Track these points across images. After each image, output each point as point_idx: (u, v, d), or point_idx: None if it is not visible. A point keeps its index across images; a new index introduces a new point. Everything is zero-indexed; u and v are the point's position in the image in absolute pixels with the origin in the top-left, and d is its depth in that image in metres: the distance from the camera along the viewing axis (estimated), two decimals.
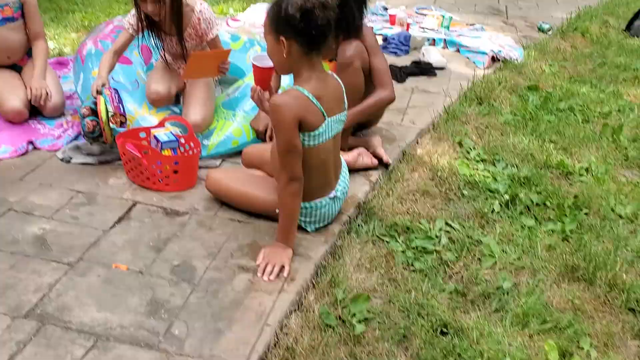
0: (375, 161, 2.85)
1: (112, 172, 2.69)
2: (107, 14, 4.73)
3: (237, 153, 2.90)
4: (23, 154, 2.79)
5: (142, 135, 2.72)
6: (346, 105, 2.25)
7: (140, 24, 2.85)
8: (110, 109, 2.58)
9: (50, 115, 3.08)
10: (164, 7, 2.75)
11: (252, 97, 2.34)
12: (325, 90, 2.10)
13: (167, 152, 2.58)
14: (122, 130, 2.68)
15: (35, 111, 3.09)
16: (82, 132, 2.67)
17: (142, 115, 2.95)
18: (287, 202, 2.13)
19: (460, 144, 3.21)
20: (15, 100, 2.98)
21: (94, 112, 2.61)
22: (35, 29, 3.15)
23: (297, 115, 2.02)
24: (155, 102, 3.00)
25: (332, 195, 2.27)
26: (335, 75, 2.23)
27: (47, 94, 3.03)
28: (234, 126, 2.98)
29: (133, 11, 2.87)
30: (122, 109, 2.63)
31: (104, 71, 2.77)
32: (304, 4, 1.95)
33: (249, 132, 2.98)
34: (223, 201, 2.47)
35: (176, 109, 3.13)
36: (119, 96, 2.67)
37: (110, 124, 2.59)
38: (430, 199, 2.70)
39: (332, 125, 2.15)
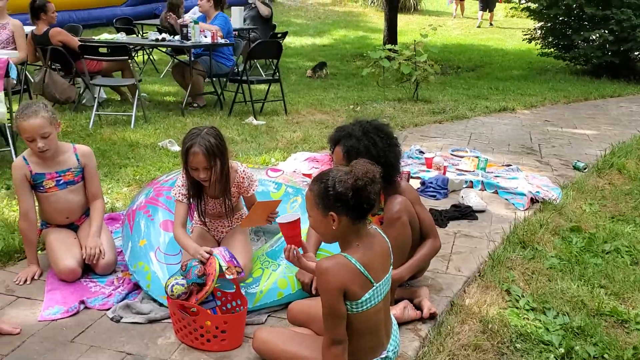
0: (419, 313, 2.81)
1: (160, 332, 2.70)
2: (158, 167, 4.99)
3: (283, 307, 2.91)
4: (74, 314, 2.85)
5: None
6: (392, 261, 2.27)
7: (189, 192, 3.00)
8: (224, 264, 2.63)
9: (102, 272, 3.18)
10: (214, 173, 2.91)
11: (287, 258, 2.37)
12: (372, 255, 2.13)
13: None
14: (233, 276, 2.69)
15: (87, 268, 3.19)
16: (186, 276, 2.65)
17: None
18: None
19: (508, 291, 3.16)
20: (70, 260, 3.10)
21: (186, 267, 2.66)
22: (94, 191, 3.34)
23: (342, 285, 2.04)
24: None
25: (383, 355, 2.23)
26: (379, 230, 2.26)
27: (100, 252, 3.14)
28: (279, 277, 3.00)
29: (178, 181, 3.04)
30: (235, 261, 2.69)
31: (193, 243, 2.87)
32: (355, 183, 2.03)
33: (294, 283, 3.00)
34: None
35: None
36: (229, 252, 2.73)
37: (227, 275, 2.62)
38: (482, 353, 2.62)
39: (381, 289, 2.15)
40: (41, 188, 3.22)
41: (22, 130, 3.08)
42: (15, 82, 5.34)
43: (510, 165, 5.45)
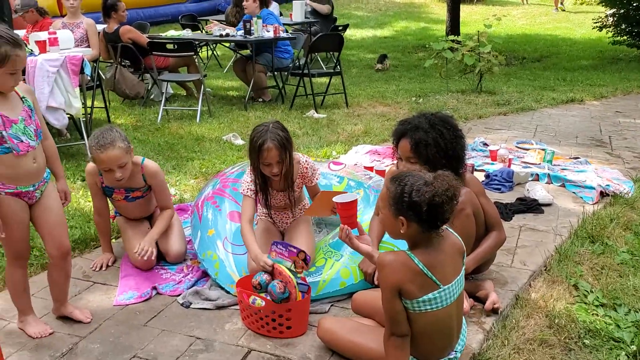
0: (468, 308, 2.76)
1: (228, 318, 2.80)
2: (222, 160, 5.12)
3: (346, 296, 2.95)
4: (147, 300, 2.97)
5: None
6: (465, 259, 2.25)
7: (256, 187, 3.06)
8: (288, 263, 2.69)
9: (173, 261, 3.31)
10: (284, 166, 2.96)
11: (340, 237, 2.40)
12: (441, 256, 2.09)
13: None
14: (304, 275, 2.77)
15: (159, 256, 3.32)
16: (271, 296, 2.64)
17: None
18: (391, 353, 2.12)
19: (575, 286, 3.09)
20: None
21: (261, 285, 2.70)
22: (163, 204, 3.39)
23: (397, 282, 2.03)
24: (254, 271, 2.94)
25: (451, 356, 2.22)
26: (450, 230, 2.21)
27: (150, 252, 3.16)
28: (342, 267, 3.04)
29: (247, 177, 3.10)
30: (294, 249, 2.71)
31: (255, 245, 2.87)
32: (433, 199, 1.96)
33: (356, 274, 3.02)
34: (334, 351, 2.48)
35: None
36: (282, 245, 2.76)
37: (298, 274, 2.68)
38: (549, 348, 2.57)
39: (452, 291, 2.12)
40: (111, 198, 3.37)
41: (99, 162, 3.06)
42: (89, 78, 5.58)
43: (579, 157, 5.28)
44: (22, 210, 2.51)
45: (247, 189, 3.07)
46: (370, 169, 4.72)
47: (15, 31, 5.74)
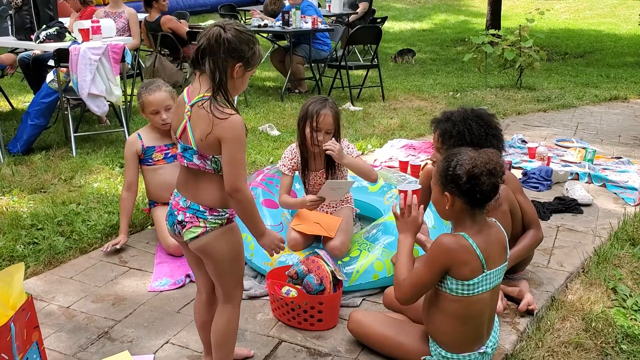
0: (502, 304, 2.74)
1: (260, 308, 2.82)
2: (258, 151, 5.15)
3: (378, 291, 2.94)
4: (181, 287, 3.02)
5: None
6: (508, 255, 2.23)
7: (296, 165, 3.17)
8: (331, 266, 2.72)
9: None
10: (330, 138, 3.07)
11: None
12: (489, 241, 2.10)
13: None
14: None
15: None
16: (307, 288, 2.67)
17: (286, 254, 3.09)
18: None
19: (614, 290, 3.01)
20: None
21: (298, 275, 2.73)
22: None
23: (448, 264, 2.05)
24: (295, 247, 3.08)
25: (481, 350, 2.19)
26: (498, 223, 2.21)
27: None
28: (376, 259, 3.03)
29: (286, 154, 3.19)
30: (338, 266, 2.83)
31: (297, 199, 3.28)
32: (472, 169, 2.02)
33: (390, 267, 3.01)
34: (365, 344, 2.48)
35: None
36: (331, 257, 2.84)
37: (337, 276, 2.71)
38: (584, 352, 2.52)
39: (491, 278, 2.12)
40: (150, 161, 3.46)
41: (148, 104, 3.37)
42: (129, 66, 5.67)
43: (621, 157, 5.14)
44: None
45: (284, 166, 3.20)
46: (406, 163, 4.69)
47: (61, 19, 5.88)
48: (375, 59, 7.53)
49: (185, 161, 2.01)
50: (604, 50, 12.33)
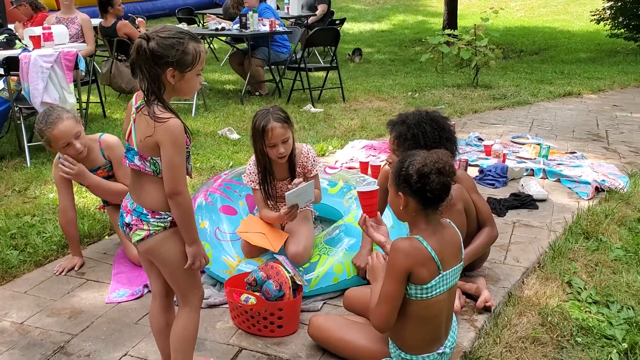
0: (459, 306, 2.78)
1: (219, 316, 2.79)
2: (217, 155, 5.10)
3: (338, 294, 2.94)
4: (139, 297, 2.97)
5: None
6: (463, 255, 2.25)
7: (259, 176, 3.11)
8: (290, 272, 2.71)
9: None
10: (289, 145, 3.03)
11: (359, 222, 2.45)
12: (443, 243, 2.12)
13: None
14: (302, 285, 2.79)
15: None
16: (266, 295, 2.65)
17: (244, 261, 3.08)
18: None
19: (569, 283, 3.08)
20: None
21: (257, 282, 2.71)
22: (122, 180, 3.22)
23: (410, 267, 2.06)
24: (249, 254, 3.07)
25: (440, 351, 2.21)
26: (452, 224, 2.24)
27: None
28: (336, 262, 3.04)
29: (250, 168, 3.15)
30: (298, 272, 2.80)
31: (275, 213, 3.12)
32: (422, 168, 2.06)
33: (350, 269, 3.02)
34: (325, 348, 2.48)
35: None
36: (290, 263, 2.84)
37: (296, 281, 2.70)
38: (541, 346, 2.57)
39: (447, 279, 2.14)
40: (81, 185, 3.31)
41: (55, 139, 3.01)
42: (84, 73, 5.56)
43: (575, 152, 5.27)
44: None
45: (251, 180, 3.16)
46: (366, 164, 4.72)
47: (10, 25, 5.73)
48: (335, 61, 7.55)
49: (127, 162, 2.04)
50: (558, 47, 12.64)
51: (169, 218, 2.01)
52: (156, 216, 2.00)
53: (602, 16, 12.17)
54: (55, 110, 3.07)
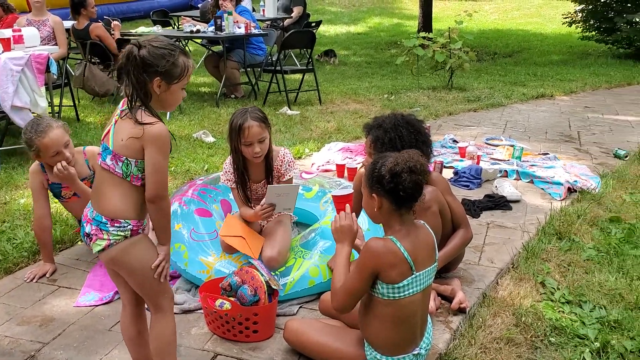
0: (434, 307, 2.79)
1: (194, 322, 2.76)
2: (192, 159, 5.06)
3: (314, 297, 2.94)
4: (108, 302, 2.93)
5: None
6: (437, 256, 2.27)
7: (235, 175, 3.12)
8: (265, 276, 2.69)
9: None
10: (265, 144, 3.02)
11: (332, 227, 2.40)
12: (417, 244, 2.14)
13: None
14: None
15: None
16: (241, 300, 2.63)
17: (220, 262, 3.06)
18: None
19: (543, 284, 3.12)
20: None
21: (232, 287, 2.68)
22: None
23: (377, 268, 2.07)
24: (228, 250, 3.09)
25: (415, 352, 2.22)
26: (426, 225, 2.25)
27: None
28: (311, 265, 3.03)
29: (227, 168, 3.17)
30: (273, 276, 2.79)
31: (251, 210, 3.12)
32: (393, 167, 2.08)
33: (325, 272, 3.02)
34: (301, 353, 2.47)
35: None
36: (266, 267, 2.83)
37: (272, 285, 2.68)
38: (515, 347, 2.59)
39: (421, 279, 2.15)
40: (62, 197, 3.29)
41: (45, 148, 3.00)
42: (55, 76, 5.47)
43: (547, 153, 5.34)
44: None
45: (227, 179, 3.16)
46: (343, 166, 4.72)
47: None
48: (311, 63, 7.55)
49: (100, 160, 2.02)
50: (531, 49, 12.81)
51: (129, 227, 1.98)
52: (115, 224, 1.97)
53: (574, 19, 12.37)
54: (44, 120, 3.10)
